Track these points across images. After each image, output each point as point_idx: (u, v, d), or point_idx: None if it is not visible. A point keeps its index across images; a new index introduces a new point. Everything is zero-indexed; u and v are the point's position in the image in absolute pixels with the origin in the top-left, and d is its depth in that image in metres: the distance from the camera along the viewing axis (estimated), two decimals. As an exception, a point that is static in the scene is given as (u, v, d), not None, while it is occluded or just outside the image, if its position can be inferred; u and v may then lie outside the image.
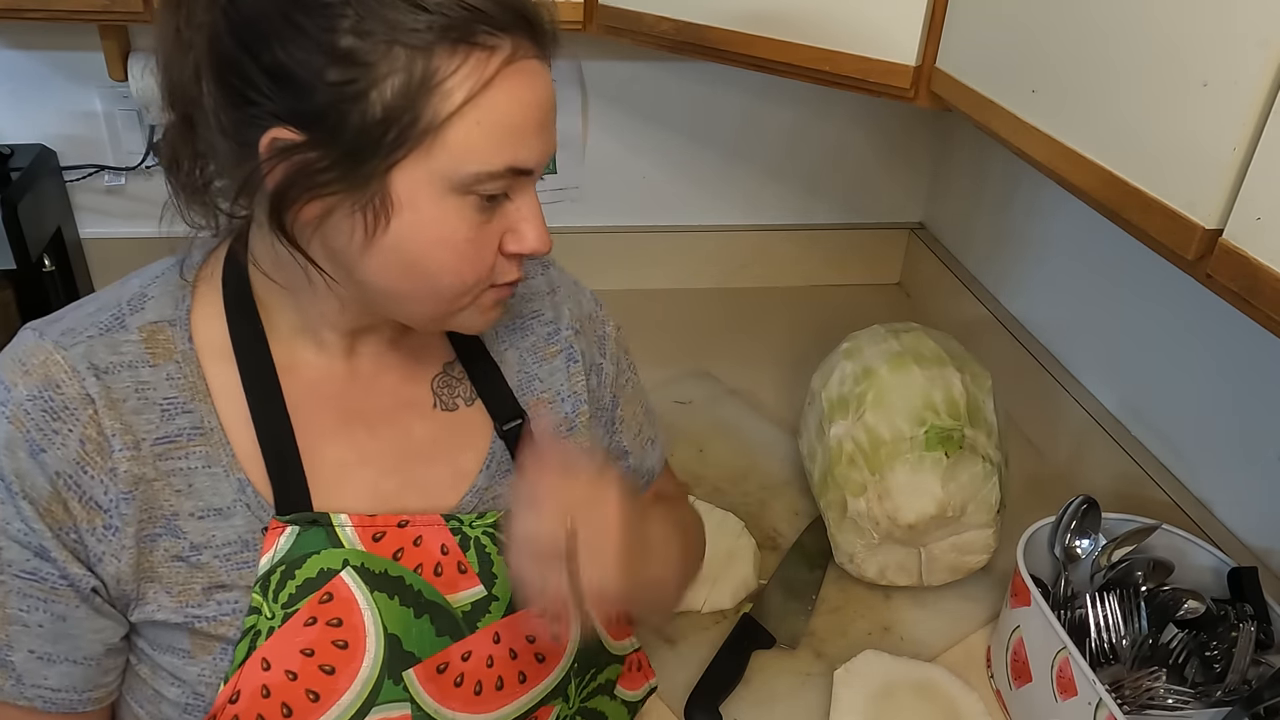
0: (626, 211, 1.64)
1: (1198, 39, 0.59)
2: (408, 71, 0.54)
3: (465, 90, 0.55)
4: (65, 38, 1.36)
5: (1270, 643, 0.87)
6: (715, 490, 1.19)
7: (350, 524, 0.64)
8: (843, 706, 0.90)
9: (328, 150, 0.55)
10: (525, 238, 0.61)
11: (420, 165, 0.56)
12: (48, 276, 1.37)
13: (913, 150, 1.66)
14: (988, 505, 0.99)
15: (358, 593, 0.63)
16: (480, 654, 0.67)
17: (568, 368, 0.77)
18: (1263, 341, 0.96)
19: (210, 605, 0.61)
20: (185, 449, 0.61)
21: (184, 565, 0.61)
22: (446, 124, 0.55)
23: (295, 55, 0.54)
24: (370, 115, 0.54)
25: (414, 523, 0.66)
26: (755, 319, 1.61)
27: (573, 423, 0.77)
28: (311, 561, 0.62)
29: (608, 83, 1.52)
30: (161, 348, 0.63)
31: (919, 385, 1.03)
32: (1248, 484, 1.01)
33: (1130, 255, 1.15)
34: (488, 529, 0.69)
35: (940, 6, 0.89)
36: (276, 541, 0.62)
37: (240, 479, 0.62)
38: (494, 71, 0.56)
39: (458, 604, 0.67)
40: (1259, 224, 0.55)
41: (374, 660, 0.62)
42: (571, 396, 0.77)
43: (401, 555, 0.65)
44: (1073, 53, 0.72)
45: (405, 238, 0.58)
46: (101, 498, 0.59)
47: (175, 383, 0.62)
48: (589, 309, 0.81)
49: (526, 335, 0.76)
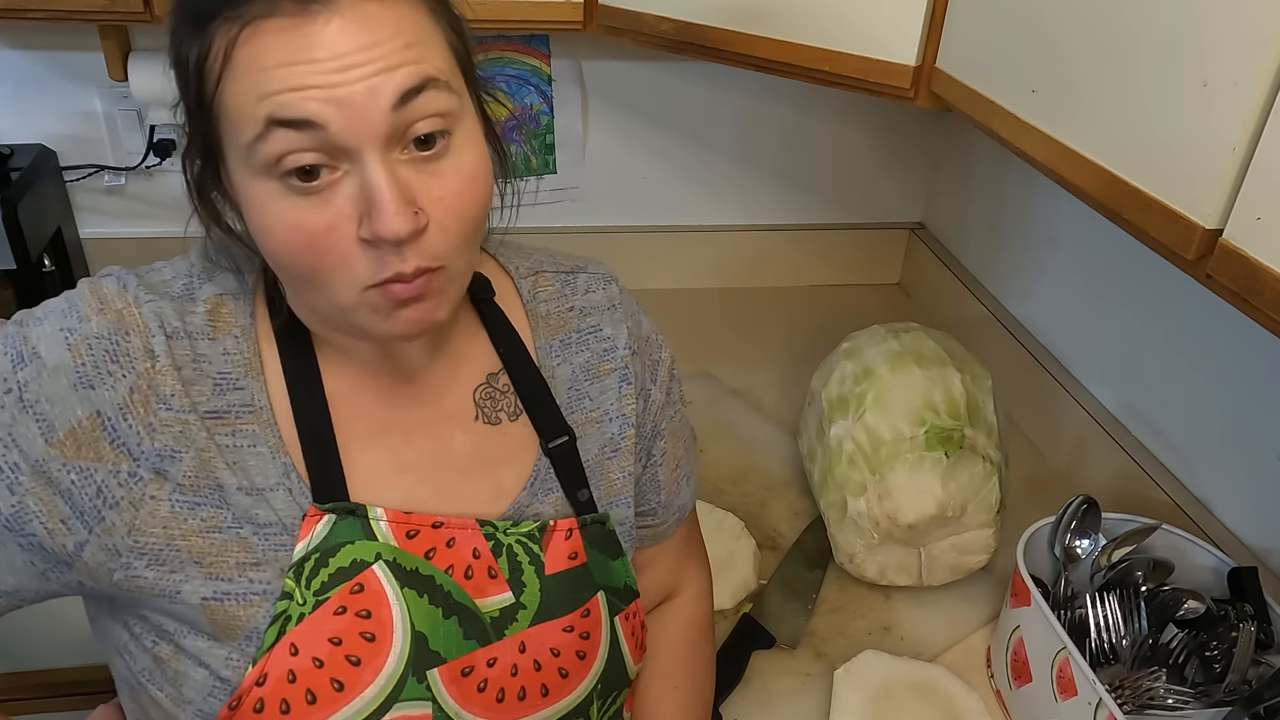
0: (626, 211, 1.64)
1: (1198, 39, 0.59)
2: (189, 61, 0.55)
3: (218, 65, 0.54)
4: (65, 38, 1.36)
5: (1270, 643, 0.87)
6: (715, 490, 1.19)
7: (385, 519, 0.64)
8: (843, 706, 0.90)
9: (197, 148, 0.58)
10: (373, 222, 0.54)
11: (229, 153, 0.56)
12: (48, 276, 1.37)
13: (913, 150, 1.66)
14: (988, 505, 0.99)
15: (388, 587, 0.63)
16: (505, 661, 0.66)
17: (619, 388, 0.75)
18: (1263, 341, 0.96)
19: (241, 582, 0.61)
20: (234, 425, 0.62)
21: (221, 537, 0.60)
22: (217, 105, 0.55)
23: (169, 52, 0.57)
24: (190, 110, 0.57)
25: (448, 524, 0.66)
26: (755, 319, 1.61)
27: (618, 445, 0.75)
28: (345, 551, 0.62)
29: (608, 83, 1.52)
30: (224, 321, 0.63)
31: (919, 385, 1.03)
32: (1248, 484, 1.01)
33: (1130, 255, 1.15)
34: (521, 537, 0.69)
35: (940, 6, 0.89)
36: (314, 529, 0.62)
37: (286, 462, 0.63)
38: (233, 37, 0.53)
39: (486, 609, 0.66)
40: (1259, 224, 0.55)
41: (400, 656, 0.62)
42: (620, 418, 0.75)
43: (433, 555, 0.65)
44: (1073, 53, 0.72)
45: (253, 231, 0.58)
46: (135, 448, 0.58)
47: (231, 358, 0.63)
48: (647, 332, 0.80)
49: (582, 351, 0.74)
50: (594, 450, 0.74)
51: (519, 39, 1.46)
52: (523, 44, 1.46)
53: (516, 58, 1.47)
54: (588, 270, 0.78)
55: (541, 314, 0.74)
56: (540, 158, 1.56)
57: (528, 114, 1.52)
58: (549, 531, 0.70)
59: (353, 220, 0.55)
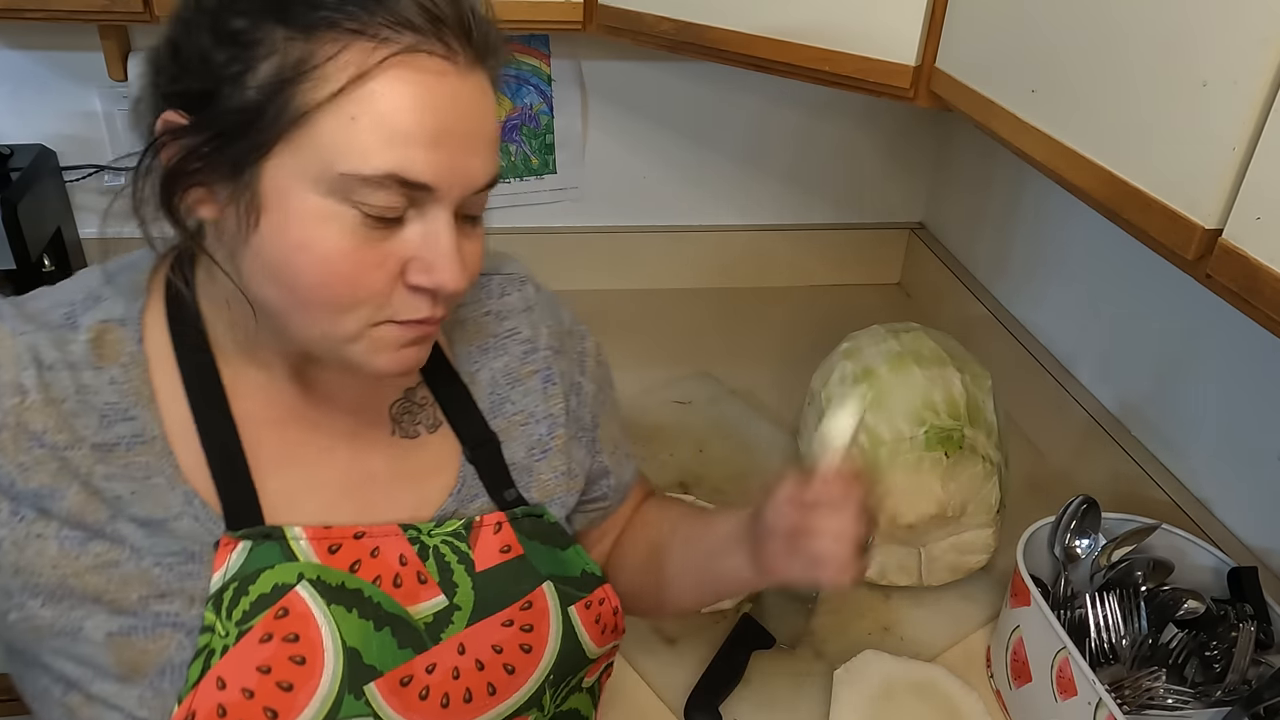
0: (626, 211, 1.64)
1: (1198, 38, 0.59)
2: (282, 55, 0.51)
3: (341, 80, 0.51)
4: (65, 38, 1.36)
5: (1270, 643, 0.87)
6: (715, 490, 1.19)
7: (305, 537, 0.62)
8: (843, 706, 0.90)
9: (208, 135, 0.54)
10: (431, 269, 0.56)
11: (289, 158, 0.53)
12: (47, 276, 1.37)
13: (913, 150, 1.66)
14: (988, 505, 0.99)
15: (314, 607, 0.61)
16: (445, 666, 0.65)
17: (544, 389, 0.75)
18: (1263, 341, 0.96)
19: (147, 615, 0.58)
20: (126, 457, 0.59)
21: (119, 571, 0.58)
22: (316, 115, 0.52)
23: (190, 35, 0.54)
24: (244, 99, 0.52)
25: (370, 533, 0.65)
26: (755, 319, 1.61)
27: (547, 445, 0.75)
28: (265, 577, 0.60)
29: (608, 83, 1.52)
30: (109, 349, 0.60)
31: (919, 385, 1.03)
32: (1248, 484, 1.01)
33: (1130, 255, 1.15)
34: (447, 537, 0.68)
35: (940, 7, 0.89)
36: (229, 558, 0.60)
37: (187, 490, 0.60)
38: (376, 63, 0.52)
39: (419, 615, 0.65)
40: (1259, 224, 0.55)
41: (333, 675, 0.60)
42: (548, 418, 0.75)
43: (359, 568, 0.64)
44: (1073, 52, 0.72)
45: (268, 238, 0.54)
46: (9, 487, 0.56)
47: (119, 387, 0.60)
48: (569, 326, 0.79)
49: (500, 355, 0.74)
50: (521, 453, 0.73)
51: (519, 39, 1.45)
52: (523, 44, 1.46)
53: (516, 58, 1.47)
54: (502, 272, 0.77)
55: (458, 321, 0.74)
56: (540, 158, 1.56)
57: (528, 114, 1.52)
58: (475, 528, 0.69)
59: (400, 261, 0.56)
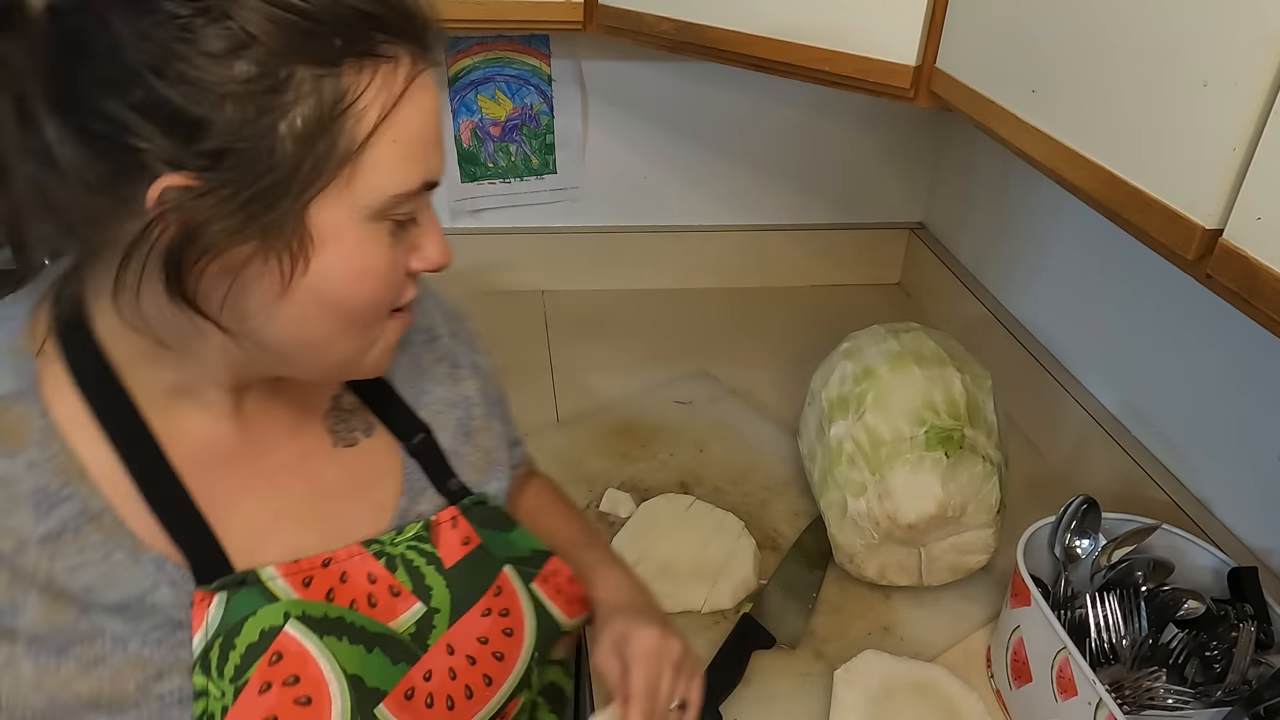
0: (626, 211, 1.64)
1: (1198, 38, 0.59)
2: (317, 95, 0.49)
3: (378, 109, 0.51)
4: None
5: (1270, 643, 0.87)
6: (715, 490, 1.19)
7: (280, 575, 0.61)
8: (843, 706, 0.90)
9: (233, 195, 0.48)
10: (429, 253, 0.59)
11: (340, 195, 0.52)
12: (48, 276, 1.37)
13: (913, 150, 1.66)
14: (988, 505, 0.99)
15: (308, 643, 0.59)
16: (440, 669, 0.65)
17: (453, 374, 0.76)
18: (1263, 341, 0.96)
19: (150, 702, 0.55)
20: (78, 542, 0.54)
21: (108, 667, 0.54)
22: (364, 147, 0.51)
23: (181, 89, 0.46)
24: (281, 150, 0.49)
25: (335, 558, 0.64)
26: (755, 319, 1.61)
27: (469, 428, 0.75)
28: (250, 624, 0.58)
29: (608, 83, 1.52)
30: (11, 432, 0.55)
31: (919, 385, 1.03)
32: (1248, 484, 1.01)
33: (1130, 255, 1.15)
34: (410, 543, 0.68)
35: (940, 6, 0.89)
36: (207, 614, 0.57)
37: (154, 558, 0.57)
38: (403, 85, 0.52)
39: (402, 628, 0.65)
40: (1259, 224, 0.55)
41: (343, 708, 0.59)
42: (463, 401, 0.76)
43: (334, 595, 0.63)
44: (1073, 53, 0.72)
45: (327, 276, 0.53)
46: None
47: (41, 469, 0.54)
48: (451, 308, 0.80)
49: (406, 348, 0.74)
50: (448, 440, 0.74)
51: (519, 39, 1.46)
52: (523, 44, 1.46)
53: (516, 58, 1.47)
54: None
55: None
56: (540, 158, 1.56)
57: (528, 114, 1.52)
58: (435, 527, 0.69)
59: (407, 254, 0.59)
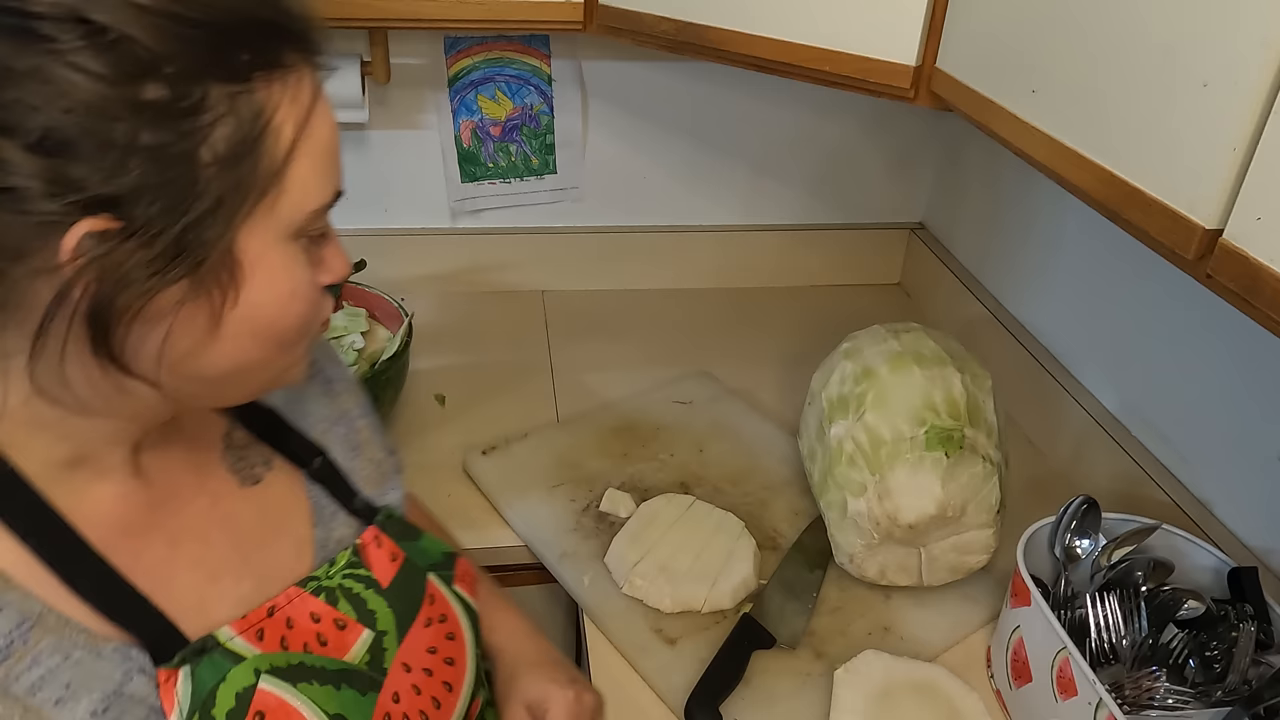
0: (626, 211, 1.64)
1: (1198, 39, 0.59)
2: (235, 115, 0.46)
3: (293, 123, 0.49)
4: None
5: (1270, 643, 0.87)
6: (715, 490, 1.19)
7: (236, 633, 0.59)
8: (843, 706, 0.90)
9: (159, 234, 0.45)
10: (334, 264, 0.57)
11: (265, 218, 0.49)
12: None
13: (913, 150, 1.66)
14: (988, 505, 0.99)
15: (285, 694, 0.58)
16: (404, 689, 0.65)
17: (327, 389, 0.74)
18: (1263, 341, 0.96)
19: None
20: (30, 652, 0.50)
21: None
22: (285, 164, 0.49)
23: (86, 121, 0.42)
24: (205, 177, 0.45)
25: (278, 605, 0.63)
26: (755, 319, 1.61)
27: (356, 441, 0.74)
28: (223, 691, 0.56)
29: (608, 83, 1.52)
30: None
31: (919, 385, 1.03)
32: (1248, 484, 1.01)
33: (1131, 255, 1.15)
34: (345, 572, 0.67)
35: (940, 6, 0.89)
36: (175, 692, 0.54)
37: (117, 647, 0.54)
38: (310, 95, 0.50)
39: (357, 659, 0.64)
40: (1259, 224, 0.55)
41: None
42: (344, 415, 0.74)
43: (287, 643, 0.62)
44: (1073, 53, 0.72)
45: (258, 303, 0.51)
46: None
47: None
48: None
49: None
50: (341, 457, 0.73)
51: (519, 39, 1.46)
52: (523, 44, 1.46)
53: (516, 58, 1.47)
54: None
55: None
56: (540, 158, 1.56)
57: (528, 114, 1.52)
58: (363, 550, 0.69)
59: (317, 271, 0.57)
